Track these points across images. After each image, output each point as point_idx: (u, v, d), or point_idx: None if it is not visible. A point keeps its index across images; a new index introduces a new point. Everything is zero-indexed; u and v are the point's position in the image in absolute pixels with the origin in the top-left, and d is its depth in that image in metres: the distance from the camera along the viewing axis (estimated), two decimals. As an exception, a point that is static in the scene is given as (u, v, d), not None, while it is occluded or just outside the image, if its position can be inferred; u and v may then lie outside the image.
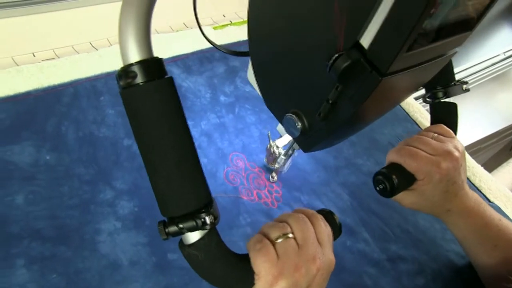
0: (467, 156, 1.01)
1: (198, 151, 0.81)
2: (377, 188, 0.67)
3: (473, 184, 0.99)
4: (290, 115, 0.52)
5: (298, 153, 0.91)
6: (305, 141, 0.54)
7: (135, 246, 0.70)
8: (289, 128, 0.53)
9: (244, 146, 0.89)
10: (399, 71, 0.40)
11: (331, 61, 0.39)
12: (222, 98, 0.97)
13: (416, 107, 1.12)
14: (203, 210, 0.43)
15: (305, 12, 0.43)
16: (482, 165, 1.03)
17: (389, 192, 0.65)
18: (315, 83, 0.46)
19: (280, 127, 0.72)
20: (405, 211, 0.89)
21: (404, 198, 0.70)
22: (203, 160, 0.84)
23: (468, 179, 0.99)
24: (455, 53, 0.49)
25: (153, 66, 0.42)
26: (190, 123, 0.85)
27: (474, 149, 1.31)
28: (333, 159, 0.94)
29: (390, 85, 0.42)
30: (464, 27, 0.44)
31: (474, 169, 1.02)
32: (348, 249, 0.80)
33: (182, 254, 0.46)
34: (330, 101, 0.44)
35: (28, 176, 0.72)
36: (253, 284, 0.47)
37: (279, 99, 0.55)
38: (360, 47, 0.38)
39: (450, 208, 0.69)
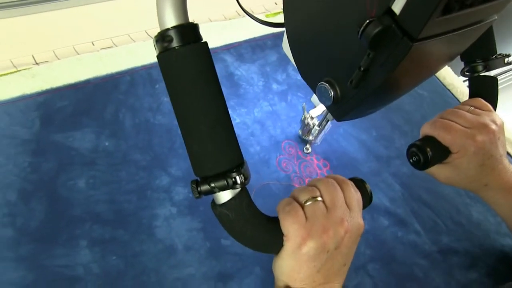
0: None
1: (251, 138, 0.83)
2: (411, 161, 0.67)
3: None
4: (323, 84, 0.51)
5: (349, 142, 0.91)
6: (338, 109, 0.54)
7: (190, 231, 0.72)
8: (322, 97, 0.53)
9: (297, 134, 0.89)
10: (431, 37, 0.39)
11: (362, 27, 0.39)
12: (274, 86, 0.97)
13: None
14: (234, 170, 0.45)
15: None
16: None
17: (422, 164, 0.65)
18: (347, 51, 0.46)
19: (314, 98, 0.72)
20: (458, 203, 0.88)
21: (439, 172, 0.69)
22: (256, 148, 0.85)
23: (508, 154, 0.96)
24: (493, 20, 0.47)
25: (188, 30, 0.43)
26: (243, 110, 0.87)
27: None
28: (384, 149, 0.93)
29: (422, 52, 0.41)
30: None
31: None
32: (398, 240, 0.80)
33: (214, 214, 0.48)
34: (362, 69, 0.44)
35: (88, 161, 0.75)
36: (282, 245, 0.49)
37: (312, 69, 0.55)
38: (392, 13, 0.38)
39: (487, 182, 0.67)
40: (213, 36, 1.01)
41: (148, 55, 0.93)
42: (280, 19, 1.13)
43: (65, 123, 0.79)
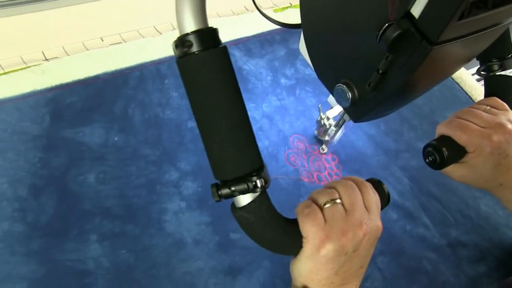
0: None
1: (260, 133, 0.83)
2: (427, 160, 0.67)
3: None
4: (341, 86, 0.51)
5: (358, 135, 0.91)
6: (355, 111, 0.54)
7: (199, 225, 0.73)
8: (339, 99, 0.53)
9: (305, 128, 0.89)
10: (450, 40, 0.39)
11: (381, 31, 0.39)
12: (283, 80, 0.97)
13: (480, 90, 1.08)
14: (254, 174, 0.45)
15: None
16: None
17: (438, 164, 0.65)
18: (365, 53, 0.46)
19: (330, 99, 0.72)
20: (466, 196, 0.87)
21: (454, 171, 0.68)
22: (264, 142, 0.85)
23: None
24: (511, 22, 0.47)
25: (208, 35, 0.43)
26: (251, 105, 0.87)
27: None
28: (393, 142, 0.93)
29: (441, 55, 0.41)
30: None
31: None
32: (407, 233, 0.80)
33: (233, 217, 0.48)
34: (381, 71, 0.44)
35: (98, 156, 0.76)
36: (301, 247, 0.48)
37: (330, 70, 0.55)
38: (411, 16, 0.38)
39: (503, 182, 0.66)
40: (222, 31, 0.99)
41: (157, 50, 0.94)
42: (289, 13, 1.13)
43: (74, 119, 0.79)
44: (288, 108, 0.92)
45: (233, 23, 1.06)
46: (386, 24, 0.39)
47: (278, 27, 1.05)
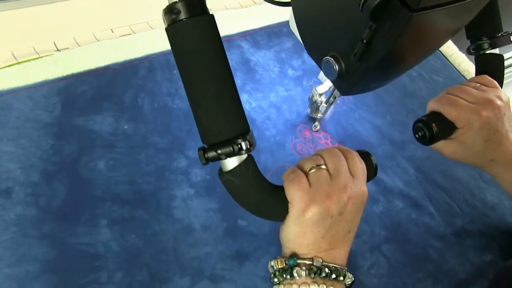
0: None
1: (267, 122, 0.84)
2: (417, 136, 0.68)
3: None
4: (328, 58, 0.52)
5: (364, 126, 0.92)
6: (343, 83, 0.55)
7: (207, 211, 0.74)
8: (327, 72, 0.54)
9: (312, 118, 0.90)
10: (430, 8, 0.40)
11: (363, 0, 0.40)
12: (290, 71, 0.98)
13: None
14: (240, 137, 0.46)
15: None
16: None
17: (428, 139, 0.66)
18: (350, 25, 0.47)
19: (321, 75, 0.73)
20: (472, 186, 0.88)
21: (445, 147, 0.69)
22: (272, 131, 0.86)
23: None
24: None
25: (195, 3, 0.44)
26: (259, 95, 0.88)
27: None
28: (399, 133, 0.94)
29: (422, 23, 0.42)
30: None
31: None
32: (413, 222, 0.80)
33: (220, 181, 0.49)
34: (365, 41, 0.45)
35: (108, 144, 0.77)
36: (287, 212, 0.50)
37: (318, 44, 0.56)
38: None
39: (494, 157, 0.67)
40: (230, 23, 1.02)
41: (166, 41, 0.93)
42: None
43: (85, 107, 0.81)
44: (295, 98, 0.93)
45: (241, 15, 1.07)
46: None
47: (285, 19, 1.07)
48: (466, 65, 1.12)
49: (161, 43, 0.95)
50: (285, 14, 1.09)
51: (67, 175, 0.72)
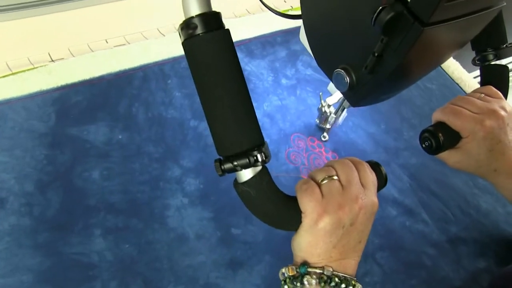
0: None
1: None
2: (423, 145, 0.68)
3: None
4: (339, 71, 0.53)
5: (358, 134, 0.92)
6: (354, 95, 0.56)
7: (201, 220, 0.74)
8: (338, 84, 0.55)
9: (306, 127, 0.91)
10: (441, 22, 0.41)
11: (375, 14, 0.41)
12: (283, 81, 0.99)
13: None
14: (256, 149, 0.47)
15: None
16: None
17: (435, 149, 0.66)
18: (362, 38, 0.48)
19: (330, 86, 0.74)
20: (466, 193, 0.88)
21: (450, 157, 0.70)
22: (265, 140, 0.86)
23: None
24: (502, 6, 0.49)
25: (212, 18, 0.45)
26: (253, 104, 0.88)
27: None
28: (393, 140, 0.94)
29: (433, 37, 0.43)
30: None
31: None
32: (407, 229, 0.81)
33: (236, 191, 0.50)
34: (376, 54, 0.46)
35: (102, 153, 0.78)
36: (300, 222, 0.50)
37: (328, 57, 0.57)
38: (404, 0, 0.40)
39: (497, 167, 0.67)
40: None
41: (160, 52, 0.96)
42: (290, 15, 1.15)
43: (80, 117, 0.81)
44: (289, 107, 0.94)
45: (235, 25, 1.08)
46: (380, 8, 0.40)
47: (278, 29, 1.08)
48: (460, 73, 1.12)
49: (155, 53, 0.95)
50: (279, 23, 1.09)
51: (61, 185, 0.73)
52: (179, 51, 0.95)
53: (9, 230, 0.66)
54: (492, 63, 0.71)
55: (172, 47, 0.97)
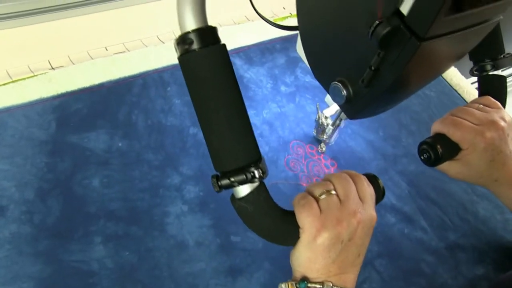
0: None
1: (260, 139, 0.85)
2: (422, 157, 0.68)
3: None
4: (336, 83, 0.53)
5: (356, 141, 0.92)
6: (351, 108, 0.56)
7: (201, 228, 0.74)
8: (335, 96, 0.55)
9: (305, 134, 0.91)
10: (438, 36, 0.41)
11: (372, 28, 0.41)
12: (283, 88, 1.00)
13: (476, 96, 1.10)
14: (253, 165, 0.47)
15: None
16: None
17: (433, 161, 0.66)
18: (358, 51, 0.48)
19: (328, 98, 0.74)
20: (464, 200, 0.89)
21: (450, 168, 0.70)
22: (264, 148, 0.87)
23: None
24: (499, 20, 0.49)
25: (208, 33, 0.45)
26: (252, 112, 0.89)
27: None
28: (391, 148, 0.95)
29: (430, 51, 0.43)
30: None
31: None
32: (405, 237, 0.81)
33: (233, 207, 0.50)
34: (373, 68, 0.46)
35: (102, 161, 0.78)
36: (298, 237, 0.50)
37: (325, 69, 0.57)
38: (400, 14, 0.40)
39: (498, 178, 0.67)
40: (223, 40, 1.02)
41: (160, 59, 0.96)
42: (289, 23, 1.16)
43: (80, 125, 0.82)
44: (288, 114, 0.94)
45: (234, 32, 1.08)
46: (377, 22, 0.41)
47: (278, 35, 1.08)
48: (458, 80, 1.13)
49: (154, 61, 0.96)
50: (278, 30, 1.10)
51: (62, 193, 0.73)
52: (179, 58, 0.96)
53: (9, 238, 0.67)
54: (490, 73, 0.72)
55: (172, 54, 0.96)
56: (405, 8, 0.39)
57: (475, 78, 0.75)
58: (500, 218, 0.87)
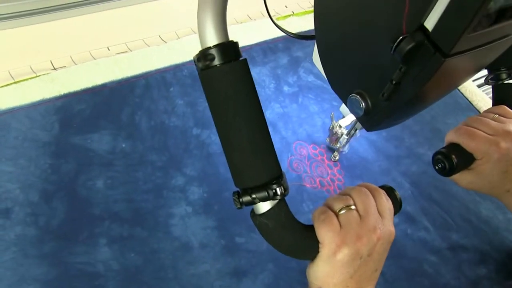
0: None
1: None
2: (436, 167, 0.68)
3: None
4: (355, 96, 0.53)
5: (359, 142, 0.93)
6: (369, 120, 0.55)
7: (205, 229, 0.74)
8: (353, 108, 0.55)
9: (308, 135, 0.91)
10: (462, 52, 0.40)
11: (395, 43, 0.40)
12: (285, 88, 1.00)
13: (480, 96, 1.10)
14: (274, 182, 0.46)
15: None
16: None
17: (447, 171, 0.66)
18: (379, 65, 0.47)
19: (343, 108, 0.74)
20: (467, 200, 0.89)
21: (462, 178, 0.69)
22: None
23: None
24: None
25: (229, 49, 0.44)
26: (255, 112, 0.89)
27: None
28: (394, 148, 0.95)
29: (453, 66, 0.43)
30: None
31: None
32: (409, 237, 0.81)
33: (253, 223, 0.50)
34: (394, 82, 0.45)
35: (106, 162, 0.78)
36: (317, 252, 0.50)
37: (344, 80, 0.56)
38: (424, 29, 0.39)
39: (510, 188, 0.67)
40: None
41: (162, 59, 0.96)
42: (291, 22, 1.16)
43: (83, 126, 0.81)
44: (291, 115, 0.94)
45: (236, 31, 1.08)
46: (400, 37, 0.40)
47: (280, 35, 1.08)
48: (460, 79, 1.13)
49: (157, 61, 0.96)
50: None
51: (66, 194, 0.73)
52: (181, 58, 0.96)
53: (15, 240, 0.67)
54: (505, 82, 0.71)
55: (174, 54, 0.97)
56: (429, 24, 0.39)
57: (477, 76, 0.74)
58: (502, 218, 0.87)
